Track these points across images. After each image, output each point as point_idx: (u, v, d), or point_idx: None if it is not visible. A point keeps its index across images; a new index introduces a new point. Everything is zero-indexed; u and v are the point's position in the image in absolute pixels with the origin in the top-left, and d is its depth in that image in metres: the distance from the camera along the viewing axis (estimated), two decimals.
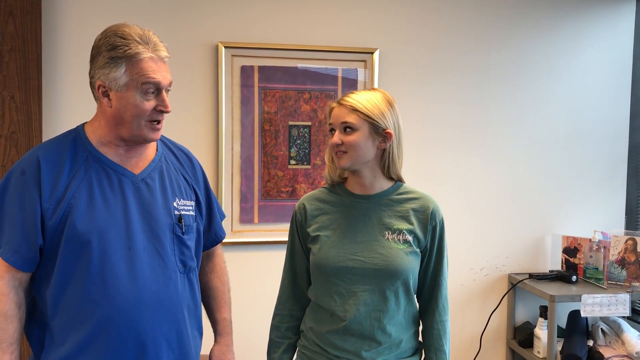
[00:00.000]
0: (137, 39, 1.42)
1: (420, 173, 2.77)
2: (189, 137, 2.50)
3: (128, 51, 1.40)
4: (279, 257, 1.79)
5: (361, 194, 1.63)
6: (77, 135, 1.50)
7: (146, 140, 1.49)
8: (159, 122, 1.48)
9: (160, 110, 1.46)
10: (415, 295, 1.65)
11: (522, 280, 2.78)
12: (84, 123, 1.54)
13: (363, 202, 1.62)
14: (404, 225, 1.59)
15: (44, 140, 2.39)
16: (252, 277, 2.66)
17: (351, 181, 1.66)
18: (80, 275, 1.41)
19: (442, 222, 1.64)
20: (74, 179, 1.43)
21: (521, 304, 2.94)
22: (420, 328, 1.69)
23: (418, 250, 1.60)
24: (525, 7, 2.85)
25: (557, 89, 2.91)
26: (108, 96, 1.44)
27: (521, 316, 2.95)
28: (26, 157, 1.45)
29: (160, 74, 1.44)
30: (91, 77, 1.46)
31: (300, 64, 2.67)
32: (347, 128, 1.55)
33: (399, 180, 1.66)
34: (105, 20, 2.51)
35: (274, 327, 1.73)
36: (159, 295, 1.47)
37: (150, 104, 1.44)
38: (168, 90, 1.49)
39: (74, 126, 1.55)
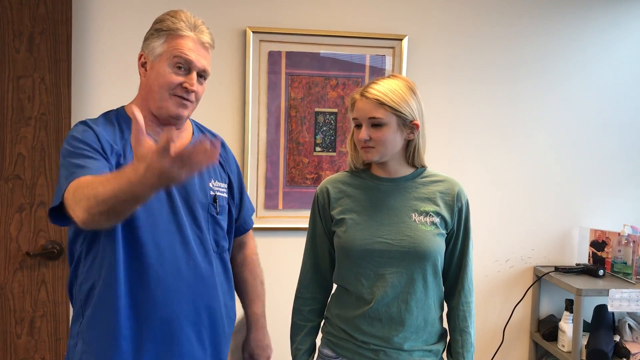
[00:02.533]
0: (185, 19, 1.48)
1: (447, 161, 2.74)
2: (216, 122, 2.50)
3: (170, 25, 1.47)
4: (303, 243, 1.79)
5: (386, 176, 1.63)
6: (118, 114, 1.54)
7: (170, 115, 1.49)
8: (185, 99, 1.49)
9: (185, 87, 1.47)
10: (442, 278, 1.64)
11: (547, 273, 2.74)
12: (123, 106, 1.58)
13: (388, 184, 1.62)
14: (430, 207, 1.59)
15: (72, 122, 2.41)
16: (276, 263, 2.67)
17: (375, 167, 1.66)
18: (123, 245, 1.41)
19: (468, 204, 1.65)
20: (126, 148, 1.46)
21: (546, 297, 2.90)
22: (445, 312, 1.69)
23: (444, 232, 1.60)
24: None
25: (590, 80, 2.85)
26: (145, 67, 1.50)
27: (545, 309, 2.91)
28: (77, 124, 1.47)
29: (195, 54, 1.47)
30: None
31: (328, 50, 2.65)
32: (375, 123, 1.53)
33: (423, 166, 1.66)
34: (133, 4, 2.53)
35: (296, 311, 1.74)
36: (196, 269, 1.50)
37: (177, 78, 1.47)
38: (203, 77, 1.52)
39: (103, 108, 1.57)
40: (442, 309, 1.67)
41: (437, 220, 1.58)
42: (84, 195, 1.21)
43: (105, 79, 2.49)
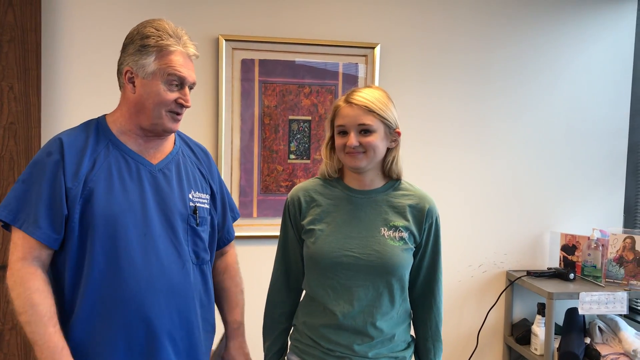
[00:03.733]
0: (170, 32, 1.48)
1: (419, 169, 2.77)
2: (189, 129, 2.47)
3: (160, 42, 1.46)
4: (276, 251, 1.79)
5: (359, 189, 1.63)
6: (98, 124, 1.54)
7: (165, 130, 1.52)
8: (178, 114, 1.52)
9: (181, 103, 1.50)
10: (407, 291, 1.66)
11: (520, 278, 2.78)
12: (105, 115, 1.57)
13: (360, 197, 1.62)
14: (400, 222, 1.59)
15: (42, 131, 2.38)
16: (250, 271, 2.64)
17: (349, 176, 1.65)
18: (96, 257, 1.42)
19: (438, 220, 1.65)
20: (95, 163, 1.46)
21: (519, 301, 2.94)
22: (411, 321, 1.70)
23: (413, 247, 1.61)
24: (526, 5, 2.85)
25: (558, 87, 2.91)
26: (133, 82, 1.49)
27: (519, 313, 2.95)
28: (50, 142, 1.49)
29: (186, 69, 1.50)
30: (120, 64, 1.52)
31: (301, 58, 2.66)
32: (365, 130, 1.54)
33: (398, 178, 1.66)
34: (105, 12, 2.52)
35: (267, 315, 1.75)
36: (172, 282, 1.49)
37: (172, 95, 1.49)
38: (191, 89, 1.54)
39: (72, 117, 1.56)
40: (409, 318, 1.68)
41: (405, 235, 1.58)
42: (19, 294, 1.38)
43: (76, 87, 2.45)
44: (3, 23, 2.31)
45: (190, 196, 1.57)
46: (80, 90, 2.45)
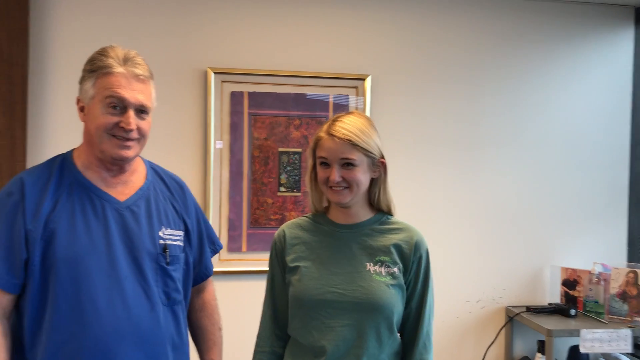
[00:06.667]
0: (113, 55, 1.41)
1: (412, 201, 2.71)
2: (177, 162, 2.45)
3: (99, 64, 1.40)
4: None
5: (343, 223, 1.57)
6: (64, 160, 1.48)
7: (114, 158, 1.43)
8: (125, 139, 1.41)
9: (122, 127, 1.40)
10: (397, 332, 1.57)
11: (519, 314, 2.68)
12: (73, 149, 1.51)
13: (344, 231, 1.56)
14: (386, 257, 1.52)
15: (27, 166, 2.35)
16: (239, 308, 2.58)
17: (334, 210, 1.59)
18: (57, 302, 1.35)
19: (427, 254, 1.57)
20: (58, 203, 1.40)
21: (519, 337, 2.83)
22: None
23: (403, 283, 1.53)
24: (521, 32, 2.81)
25: (555, 117, 2.85)
26: (83, 111, 1.44)
27: (519, 351, 2.84)
28: (12, 181, 1.43)
29: (127, 90, 1.39)
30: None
31: (291, 90, 2.63)
32: (348, 163, 1.49)
33: (389, 211, 1.60)
34: (93, 46, 2.50)
35: None
36: (139, 327, 1.41)
37: (112, 118, 1.40)
38: (144, 112, 1.43)
39: (59, 151, 1.52)
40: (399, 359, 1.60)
41: (393, 270, 1.51)
42: None
43: (62, 121, 2.44)
44: None
45: (160, 234, 1.50)
46: (67, 124, 2.42)
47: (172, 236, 1.53)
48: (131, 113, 1.40)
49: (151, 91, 1.46)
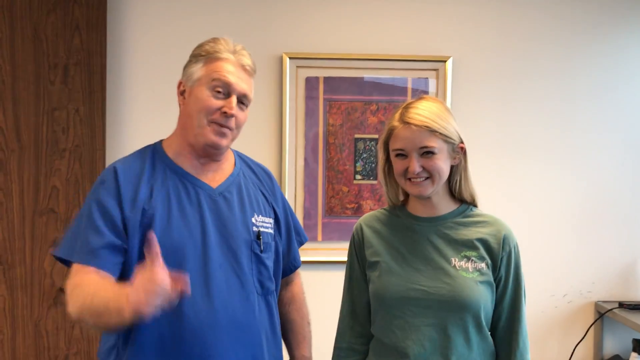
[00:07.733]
0: (224, 43, 1.44)
1: (495, 188, 2.57)
2: (252, 150, 2.37)
3: (209, 49, 1.43)
4: (344, 277, 1.66)
5: (424, 216, 1.49)
6: (155, 149, 1.47)
7: (208, 144, 1.41)
8: (223, 126, 1.40)
9: (224, 112, 1.38)
10: (489, 332, 1.47)
11: (611, 310, 2.52)
12: (161, 140, 1.51)
13: (425, 224, 1.48)
14: (472, 252, 1.44)
15: (107, 153, 2.37)
16: (315, 300, 2.50)
17: (413, 202, 1.51)
18: None
19: (517, 249, 1.47)
20: (153, 189, 1.39)
21: (610, 335, 2.66)
22: None
23: (492, 280, 1.44)
24: (610, 8, 2.61)
25: None
26: (184, 95, 1.44)
27: (610, 349, 2.67)
28: (104, 171, 1.44)
29: (234, 76, 1.40)
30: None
31: (367, 74, 2.55)
32: (428, 152, 1.40)
33: (472, 201, 1.51)
34: (169, 34, 2.50)
35: None
36: (235, 317, 1.39)
37: (216, 102, 1.39)
38: (244, 104, 1.44)
39: (137, 140, 1.53)
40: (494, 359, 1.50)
41: (480, 266, 1.43)
42: (81, 297, 1.27)
43: (140, 110, 2.45)
44: (70, 47, 2.33)
45: (253, 220, 1.47)
46: (144, 113, 2.45)
47: (264, 223, 1.50)
48: (234, 99, 1.40)
49: (252, 85, 1.47)
